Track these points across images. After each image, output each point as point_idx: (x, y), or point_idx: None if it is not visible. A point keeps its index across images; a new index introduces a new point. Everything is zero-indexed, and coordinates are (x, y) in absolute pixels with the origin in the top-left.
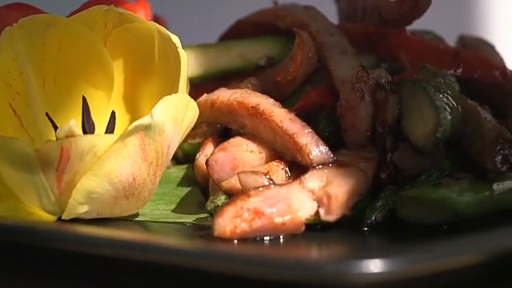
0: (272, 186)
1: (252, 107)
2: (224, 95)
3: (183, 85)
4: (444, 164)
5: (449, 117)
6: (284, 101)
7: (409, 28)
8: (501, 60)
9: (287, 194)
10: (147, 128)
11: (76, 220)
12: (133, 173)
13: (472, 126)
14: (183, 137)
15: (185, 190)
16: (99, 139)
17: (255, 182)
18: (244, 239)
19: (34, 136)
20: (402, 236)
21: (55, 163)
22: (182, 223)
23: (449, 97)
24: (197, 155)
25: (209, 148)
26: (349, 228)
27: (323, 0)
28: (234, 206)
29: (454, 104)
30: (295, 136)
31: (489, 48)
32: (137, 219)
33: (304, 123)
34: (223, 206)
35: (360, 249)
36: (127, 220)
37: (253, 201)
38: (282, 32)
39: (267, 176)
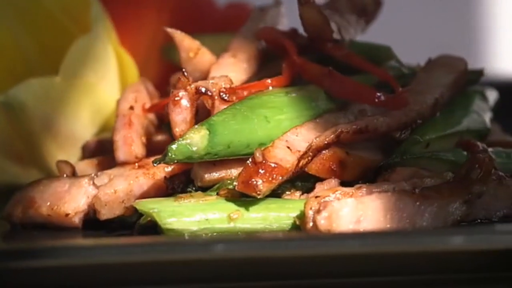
0: (65, 176)
1: None
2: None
3: (68, 72)
4: None
5: (204, 132)
6: None
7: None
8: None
9: (68, 188)
10: (4, 105)
11: None
12: (14, 146)
13: None
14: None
15: None
16: None
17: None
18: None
19: None
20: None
21: None
22: None
23: (263, 113)
24: None
25: None
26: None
27: None
28: (21, 192)
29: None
30: (114, 131)
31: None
32: None
33: (131, 121)
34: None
35: None
36: None
37: (34, 190)
38: None
39: (70, 169)
